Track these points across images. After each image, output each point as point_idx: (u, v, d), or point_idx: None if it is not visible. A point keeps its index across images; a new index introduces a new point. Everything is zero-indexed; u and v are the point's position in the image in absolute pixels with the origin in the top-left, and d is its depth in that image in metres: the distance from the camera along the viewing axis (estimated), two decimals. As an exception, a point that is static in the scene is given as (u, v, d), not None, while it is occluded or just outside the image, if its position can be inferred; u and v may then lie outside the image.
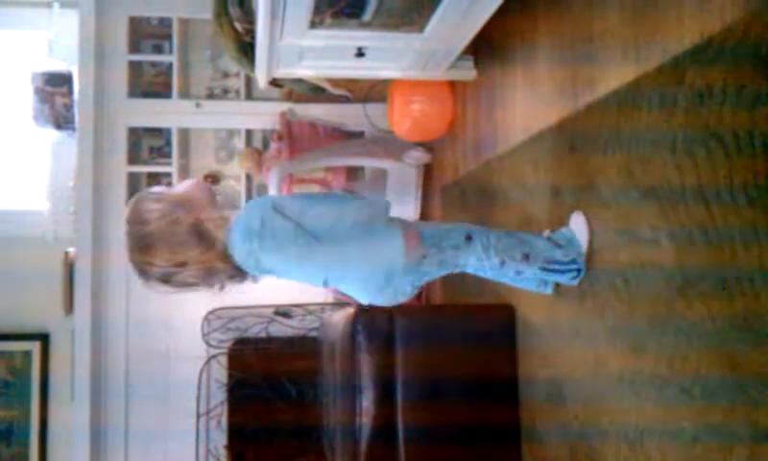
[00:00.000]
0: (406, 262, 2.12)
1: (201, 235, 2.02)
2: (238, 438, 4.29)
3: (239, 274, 2.11)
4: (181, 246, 2.01)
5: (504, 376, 2.89)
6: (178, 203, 2.05)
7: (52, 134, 4.76)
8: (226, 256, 2.05)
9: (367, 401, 2.84)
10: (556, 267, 2.29)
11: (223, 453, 4.34)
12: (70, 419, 4.46)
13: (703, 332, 1.69)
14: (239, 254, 2.05)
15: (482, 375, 2.88)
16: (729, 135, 1.58)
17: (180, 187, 2.16)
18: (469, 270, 2.32)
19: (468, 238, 2.25)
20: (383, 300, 2.21)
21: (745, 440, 1.54)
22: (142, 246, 2.01)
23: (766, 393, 1.48)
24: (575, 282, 2.31)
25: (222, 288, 2.13)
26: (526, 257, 2.27)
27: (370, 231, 2.12)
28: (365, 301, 2.24)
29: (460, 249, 2.24)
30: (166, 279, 2.04)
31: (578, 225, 2.32)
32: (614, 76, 2.11)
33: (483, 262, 2.25)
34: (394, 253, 2.11)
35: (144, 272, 2.04)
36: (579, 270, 2.28)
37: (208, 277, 2.07)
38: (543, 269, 2.29)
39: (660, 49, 1.87)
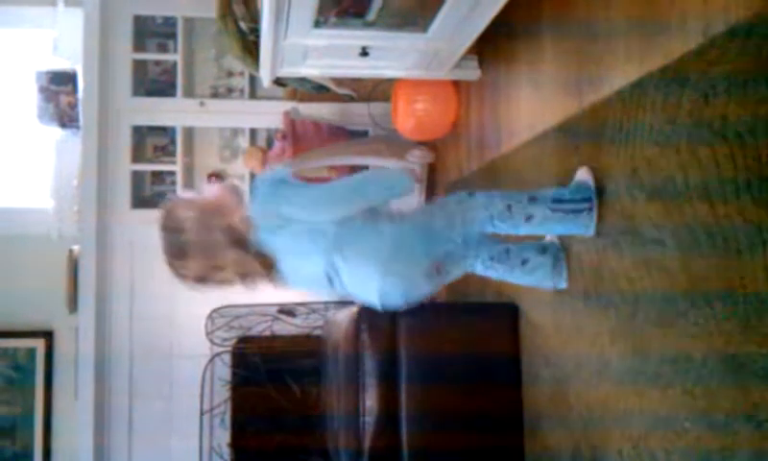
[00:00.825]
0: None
1: (234, 239, 2.10)
2: (242, 436, 4.29)
3: (269, 269, 2.17)
4: (216, 251, 2.09)
5: (508, 376, 2.89)
6: (210, 210, 2.13)
7: (56, 133, 4.77)
8: (258, 254, 2.13)
9: (370, 400, 2.85)
10: (566, 207, 2.22)
11: (227, 451, 4.34)
12: (74, 415, 4.47)
13: (706, 333, 1.69)
14: (258, 214, 2.14)
15: (486, 374, 2.88)
16: (733, 135, 1.58)
17: (211, 193, 2.22)
18: (483, 227, 2.29)
19: (471, 193, 2.30)
20: (397, 288, 2.20)
21: (748, 440, 1.54)
22: (178, 253, 2.09)
23: (769, 393, 1.49)
24: (591, 230, 2.23)
25: (256, 286, 2.20)
26: (533, 199, 2.25)
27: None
28: (377, 294, 2.21)
29: (464, 202, 2.27)
30: (203, 280, 2.13)
31: (582, 175, 2.30)
32: (619, 76, 2.12)
33: (490, 211, 2.24)
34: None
35: (182, 276, 2.12)
36: (591, 208, 2.20)
37: (243, 276, 2.15)
38: (553, 210, 2.23)
39: (664, 49, 1.87)
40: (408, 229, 2.20)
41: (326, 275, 2.21)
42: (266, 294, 4.33)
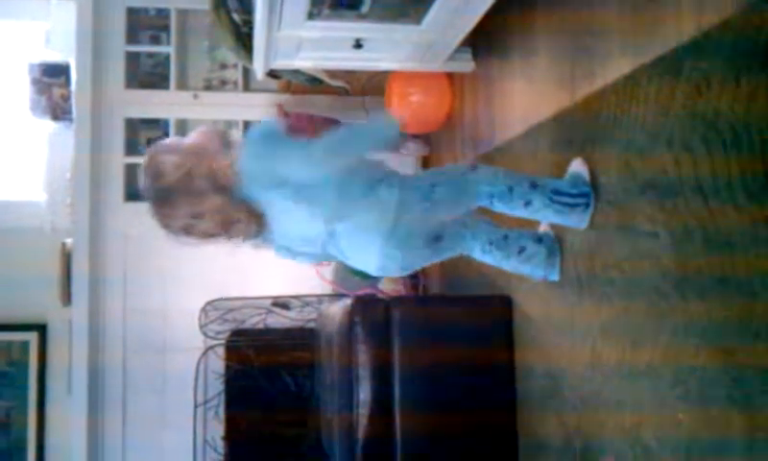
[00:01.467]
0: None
1: (216, 184, 2.05)
2: (236, 428, 4.29)
3: (256, 220, 2.12)
4: (198, 196, 2.04)
5: (501, 368, 2.89)
6: (191, 153, 2.08)
7: (49, 126, 4.75)
8: (241, 201, 2.08)
9: (364, 393, 2.85)
10: (564, 199, 2.24)
11: (220, 444, 4.35)
12: (68, 409, 4.46)
13: (699, 326, 1.70)
14: (250, 170, 2.09)
15: (479, 366, 2.88)
16: (726, 128, 1.59)
17: (192, 136, 2.17)
18: (480, 201, 2.29)
19: (474, 166, 2.31)
20: (396, 254, 2.18)
21: (741, 432, 1.55)
22: (161, 199, 2.06)
23: (762, 386, 1.49)
24: (584, 224, 2.25)
25: (244, 240, 2.15)
26: (533, 185, 2.26)
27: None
28: (376, 260, 2.19)
29: (467, 174, 2.28)
30: (188, 231, 2.08)
31: (577, 166, 2.31)
32: (613, 69, 2.12)
33: (491, 189, 2.25)
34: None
35: (166, 225, 2.08)
36: (587, 204, 2.22)
37: (227, 225, 2.09)
38: (552, 201, 2.24)
39: (658, 42, 1.87)
40: (410, 198, 2.17)
41: (321, 239, 2.18)
42: (260, 286, 4.40)
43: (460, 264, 3.51)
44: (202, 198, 2.04)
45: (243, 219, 2.10)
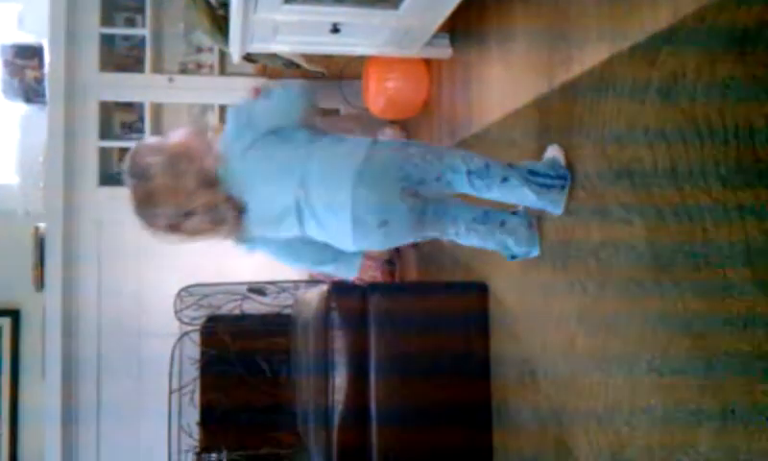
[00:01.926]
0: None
1: (204, 181, 2.05)
2: (211, 415, 4.28)
3: (241, 213, 2.13)
4: (188, 197, 2.03)
5: (476, 354, 2.90)
6: (178, 154, 2.06)
7: (22, 108, 4.69)
8: (229, 197, 2.09)
9: (340, 378, 2.85)
10: (540, 180, 2.23)
11: (196, 430, 4.33)
12: (41, 395, 4.43)
13: (672, 312, 1.71)
14: (230, 144, 2.13)
15: (454, 352, 2.89)
16: (701, 116, 1.59)
17: (177, 136, 2.15)
18: (457, 182, 2.27)
19: (448, 148, 2.29)
20: (371, 206, 2.12)
21: (713, 417, 1.56)
22: (148, 201, 2.04)
23: (734, 371, 1.50)
24: (560, 208, 2.25)
25: (230, 235, 2.16)
26: (510, 166, 2.28)
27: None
28: (350, 218, 2.12)
29: (443, 152, 2.31)
30: (174, 229, 2.07)
31: (553, 152, 2.31)
32: (590, 56, 2.12)
33: (468, 165, 2.25)
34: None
35: (152, 224, 2.08)
36: (563, 186, 2.23)
37: (216, 223, 2.10)
38: (528, 180, 2.24)
39: (635, 29, 1.87)
40: (382, 148, 2.20)
41: (296, 205, 2.14)
42: (236, 272, 4.38)
43: (436, 251, 3.52)
44: (191, 196, 2.04)
45: (230, 216, 2.11)
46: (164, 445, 4.32)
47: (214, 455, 4.27)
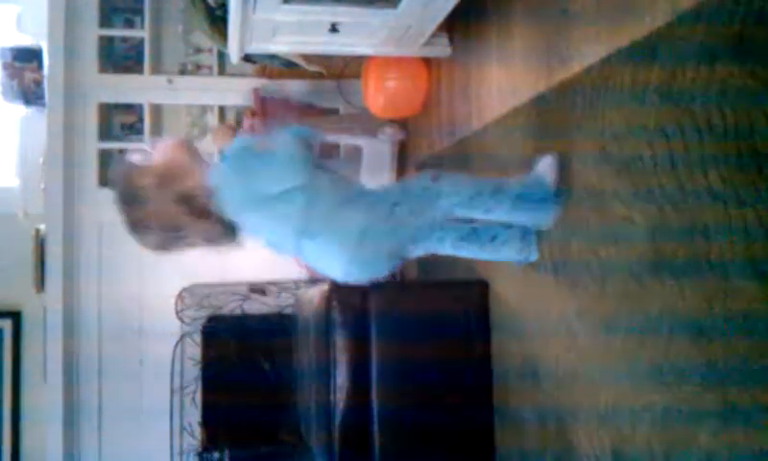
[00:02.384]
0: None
1: (194, 207, 2.04)
2: (213, 415, 4.29)
3: (233, 233, 2.13)
4: (178, 222, 2.04)
5: (477, 353, 2.90)
6: (166, 175, 2.05)
7: (21, 110, 4.69)
8: (219, 222, 2.08)
9: (341, 377, 2.85)
10: (527, 205, 2.28)
11: (197, 430, 4.34)
12: (43, 397, 4.43)
13: (673, 309, 1.71)
14: (225, 197, 2.07)
15: (455, 351, 2.89)
16: (700, 113, 1.60)
17: (164, 154, 2.13)
18: (443, 205, 2.29)
19: (436, 178, 2.28)
20: (359, 269, 2.20)
21: (714, 414, 1.57)
22: (139, 225, 2.05)
23: (735, 368, 1.51)
24: (548, 224, 2.30)
25: (221, 248, 2.16)
26: (497, 191, 2.28)
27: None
28: (340, 271, 2.21)
29: (429, 189, 2.25)
30: (167, 248, 2.10)
31: (545, 167, 2.32)
32: (589, 53, 2.12)
33: (452, 198, 2.25)
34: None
35: (144, 243, 2.09)
36: (548, 208, 2.27)
37: (208, 241, 2.11)
38: (514, 207, 2.28)
39: (633, 27, 1.87)
40: (375, 220, 2.16)
41: (295, 250, 2.19)
42: (237, 272, 4.38)
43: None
44: (179, 223, 2.05)
45: (221, 235, 2.11)
46: (166, 445, 4.33)
47: (216, 455, 4.28)
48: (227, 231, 2.11)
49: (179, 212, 2.03)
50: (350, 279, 2.24)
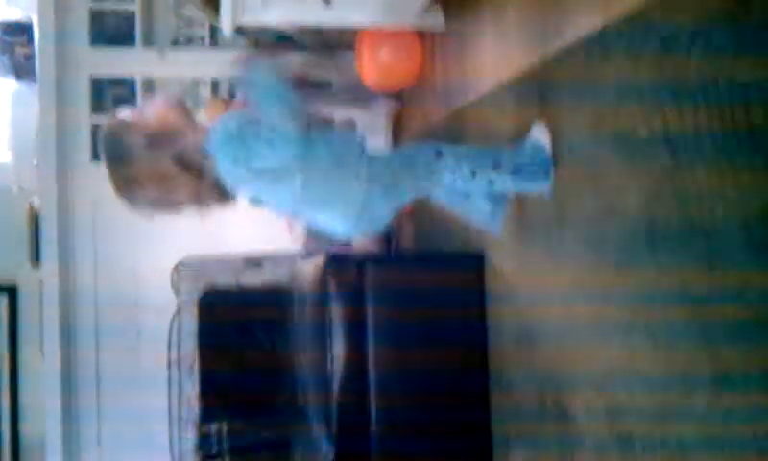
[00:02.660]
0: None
1: (185, 165, 2.01)
2: (211, 385, 4.31)
3: (225, 195, 2.11)
4: (168, 180, 2.01)
5: (473, 322, 2.93)
6: (157, 133, 2.01)
7: (12, 85, 4.66)
8: (212, 182, 2.04)
9: (338, 348, 2.87)
10: (525, 175, 2.32)
11: (195, 402, 4.36)
12: (41, 370, 4.45)
13: (668, 279, 1.73)
14: (226, 170, 2.03)
15: (452, 320, 2.91)
16: (696, 85, 1.60)
17: (156, 112, 2.07)
18: (442, 191, 2.35)
19: (438, 153, 2.28)
20: (363, 227, 2.22)
21: (708, 383, 1.59)
22: (128, 185, 2.00)
23: (729, 337, 1.53)
24: (546, 192, 2.32)
25: (209, 208, 2.14)
26: (497, 165, 2.31)
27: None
28: (344, 231, 2.22)
29: (431, 164, 2.27)
30: (156, 208, 2.07)
31: (538, 134, 2.35)
32: (583, 25, 2.11)
33: (455, 175, 2.28)
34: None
35: (133, 204, 2.05)
36: (547, 172, 2.30)
37: (196, 200, 2.08)
38: (512, 179, 2.32)
39: (628, -1, 1.88)
40: (376, 188, 2.16)
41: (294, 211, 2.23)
42: (233, 245, 4.39)
43: (432, 219, 3.54)
44: (170, 181, 2.01)
45: (213, 196, 2.09)
46: (165, 417, 4.35)
47: (214, 426, 4.31)
48: (218, 191, 2.08)
49: (169, 171, 1.99)
50: (353, 236, 2.31)
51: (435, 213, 2.61)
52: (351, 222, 2.18)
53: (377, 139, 4.18)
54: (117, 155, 2.00)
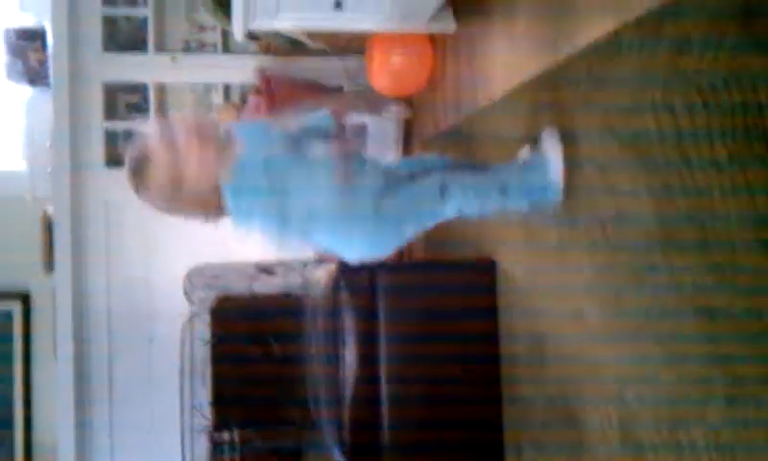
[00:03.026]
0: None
1: (204, 199, 1.99)
2: (223, 394, 4.31)
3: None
4: (182, 206, 2.01)
5: (485, 330, 2.91)
6: (186, 164, 1.95)
7: (26, 91, 4.68)
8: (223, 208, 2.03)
9: (350, 357, 2.86)
10: (533, 198, 2.32)
11: (207, 409, 4.36)
12: (54, 377, 4.47)
13: (680, 283, 1.70)
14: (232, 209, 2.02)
15: (463, 329, 2.90)
16: (707, 86, 1.58)
17: (186, 134, 1.98)
18: (449, 215, 2.30)
19: (443, 189, 2.24)
20: (372, 255, 2.21)
21: (721, 390, 1.57)
22: (143, 195, 1.99)
23: (742, 343, 1.50)
24: (556, 200, 2.30)
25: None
26: (503, 191, 2.29)
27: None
28: (352, 259, 2.22)
29: (436, 199, 2.24)
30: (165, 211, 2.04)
31: (550, 145, 2.31)
32: (595, 28, 2.09)
33: (462, 205, 2.26)
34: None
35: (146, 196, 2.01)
36: (557, 188, 2.28)
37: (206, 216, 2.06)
38: (522, 196, 2.33)
39: (640, 1, 1.85)
40: (384, 225, 2.15)
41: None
42: (245, 253, 4.38)
43: (444, 226, 3.51)
44: (185, 207, 2.02)
45: (220, 213, 2.05)
46: (176, 424, 4.35)
47: (226, 434, 4.30)
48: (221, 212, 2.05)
49: (187, 202, 1.99)
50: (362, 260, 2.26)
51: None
52: (360, 252, 2.19)
53: (388, 144, 4.15)
54: (141, 175, 1.96)
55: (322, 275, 3.24)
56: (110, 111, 4.65)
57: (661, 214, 1.78)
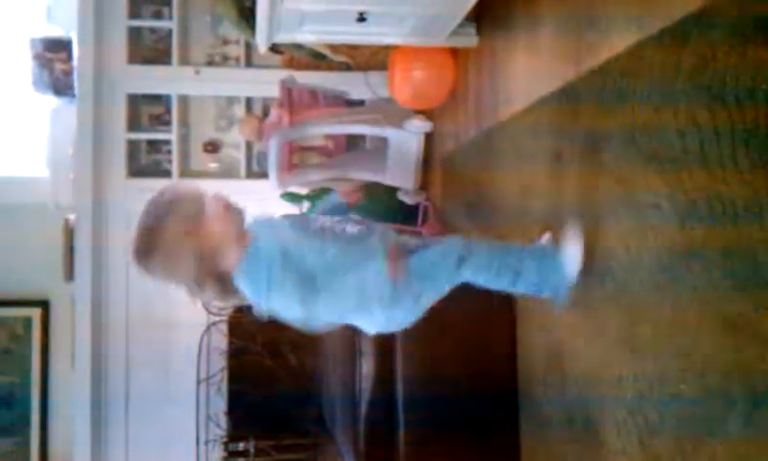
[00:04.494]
0: (393, 290, 2.07)
1: (214, 275, 1.97)
2: (238, 404, 4.31)
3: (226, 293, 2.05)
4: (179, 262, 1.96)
5: (502, 342, 2.89)
6: (204, 240, 1.94)
7: (51, 101, 4.74)
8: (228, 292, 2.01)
9: (366, 367, 2.85)
10: (545, 292, 2.31)
11: (223, 420, 4.36)
12: (71, 384, 4.49)
13: (703, 297, 1.69)
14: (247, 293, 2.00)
15: (481, 342, 2.88)
16: (731, 99, 1.57)
17: (214, 212, 1.97)
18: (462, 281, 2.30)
19: (461, 261, 2.24)
20: (392, 327, 2.23)
21: (743, 405, 1.55)
22: (147, 254, 1.99)
23: (764, 356, 1.49)
24: (564, 299, 2.30)
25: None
26: (517, 275, 2.28)
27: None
28: (374, 329, 2.22)
29: (452, 274, 2.24)
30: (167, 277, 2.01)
31: (572, 249, 2.27)
32: (617, 41, 2.10)
33: (475, 279, 2.28)
34: (378, 281, 2.06)
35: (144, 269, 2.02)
36: (568, 288, 2.27)
37: (195, 285, 2.00)
38: (534, 283, 2.30)
39: (663, 13, 1.85)
40: (402, 292, 2.11)
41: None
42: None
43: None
44: (184, 263, 1.96)
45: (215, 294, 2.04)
46: (192, 434, 4.36)
47: (242, 444, 4.30)
48: (222, 290, 2.01)
49: (189, 278, 1.96)
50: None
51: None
52: (380, 326, 2.18)
53: (409, 159, 4.15)
54: (152, 233, 1.98)
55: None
56: (133, 123, 4.70)
57: (684, 227, 1.76)
